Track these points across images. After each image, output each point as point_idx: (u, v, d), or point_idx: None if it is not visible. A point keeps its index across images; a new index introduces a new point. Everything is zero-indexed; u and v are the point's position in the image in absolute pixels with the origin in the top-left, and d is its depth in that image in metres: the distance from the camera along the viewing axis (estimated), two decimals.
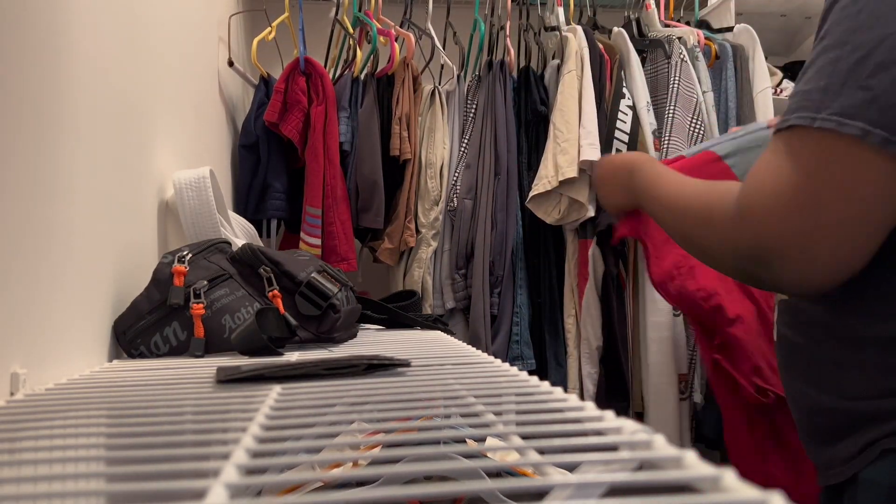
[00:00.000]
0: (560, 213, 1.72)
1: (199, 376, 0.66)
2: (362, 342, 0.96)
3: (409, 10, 1.99)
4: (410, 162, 1.82)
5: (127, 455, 0.37)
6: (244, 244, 0.95)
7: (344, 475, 0.31)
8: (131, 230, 0.95)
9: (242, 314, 0.88)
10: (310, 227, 1.69)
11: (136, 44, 1.00)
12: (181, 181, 1.03)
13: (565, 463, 0.34)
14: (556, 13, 1.97)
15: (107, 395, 0.57)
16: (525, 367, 1.75)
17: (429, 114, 1.88)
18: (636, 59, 1.83)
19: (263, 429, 0.41)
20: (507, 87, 1.86)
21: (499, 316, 1.78)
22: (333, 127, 1.73)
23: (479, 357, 0.73)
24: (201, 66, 1.48)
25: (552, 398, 0.47)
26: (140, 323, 0.85)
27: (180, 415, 0.47)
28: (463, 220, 1.81)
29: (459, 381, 0.56)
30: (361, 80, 1.83)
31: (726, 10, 2.06)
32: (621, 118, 1.74)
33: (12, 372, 0.60)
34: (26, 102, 0.64)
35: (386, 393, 0.51)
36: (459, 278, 1.81)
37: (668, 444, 0.34)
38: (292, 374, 0.60)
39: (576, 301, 1.78)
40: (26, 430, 0.45)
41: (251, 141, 1.76)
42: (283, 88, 1.72)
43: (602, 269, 1.76)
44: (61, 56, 0.72)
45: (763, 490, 0.26)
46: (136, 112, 0.98)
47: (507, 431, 0.39)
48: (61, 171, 0.71)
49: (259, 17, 1.96)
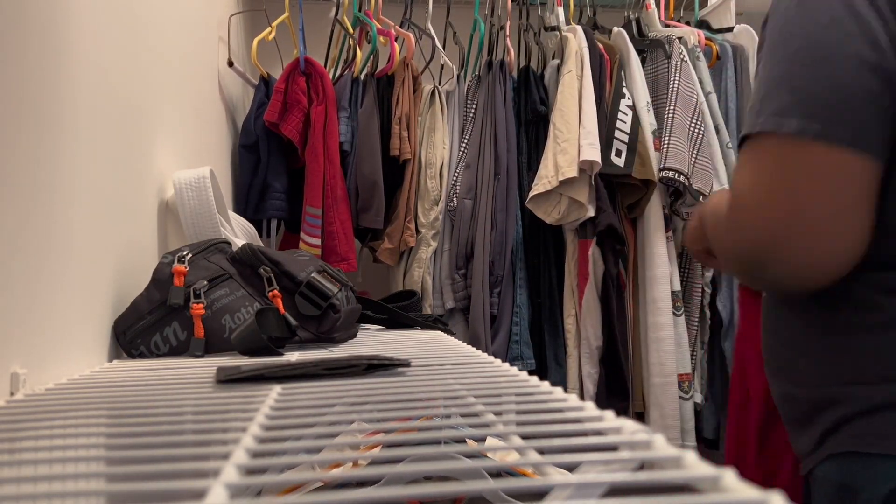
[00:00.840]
0: (560, 212, 1.72)
1: (199, 376, 0.66)
2: (362, 342, 0.96)
3: (409, 10, 1.99)
4: (410, 162, 1.82)
5: (127, 455, 0.37)
6: (244, 244, 0.95)
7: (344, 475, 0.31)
8: (131, 230, 0.95)
9: (242, 314, 0.88)
10: (310, 227, 1.69)
11: (137, 44, 1.00)
12: (181, 181, 1.03)
13: (565, 463, 0.34)
14: (556, 13, 1.97)
15: (107, 395, 0.57)
16: (525, 367, 1.75)
17: (428, 114, 1.88)
18: (636, 59, 1.83)
19: (263, 429, 0.41)
20: (507, 87, 1.86)
21: (498, 316, 1.78)
22: (333, 127, 1.73)
23: (479, 357, 0.73)
24: (201, 67, 1.48)
25: (552, 398, 0.47)
26: (140, 323, 0.85)
27: (180, 415, 0.47)
28: (463, 220, 1.81)
29: (459, 381, 0.56)
30: (361, 80, 1.83)
31: (726, 11, 2.06)
32: (621, 118, 1.74)
33: (12, 372, 0.60)
34: (26, 103, 0.64)
35: (386, 393, 0.51)
36: (459, 278, 1.81)
37: (668, 444, 0.34)
38: (292, 374, 0.60)
39: (575, 301, 1.78)
40: (26, 430, 0.45)
41: (251, 141, 1.76)
42: (283, 88, 1.72)
43: (602, 268, 1.76)
44: (61, 56, 0.72)
45: (763, 490, 0.26)
46: (136, 112, 0.98)
47: (507, 431, 0.39)
48: (61, 171, 0.71)
49: (259, 17, 1.96)
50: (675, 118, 1.73)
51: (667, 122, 1.74)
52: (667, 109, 1.75)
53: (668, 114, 1.74)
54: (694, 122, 1.75)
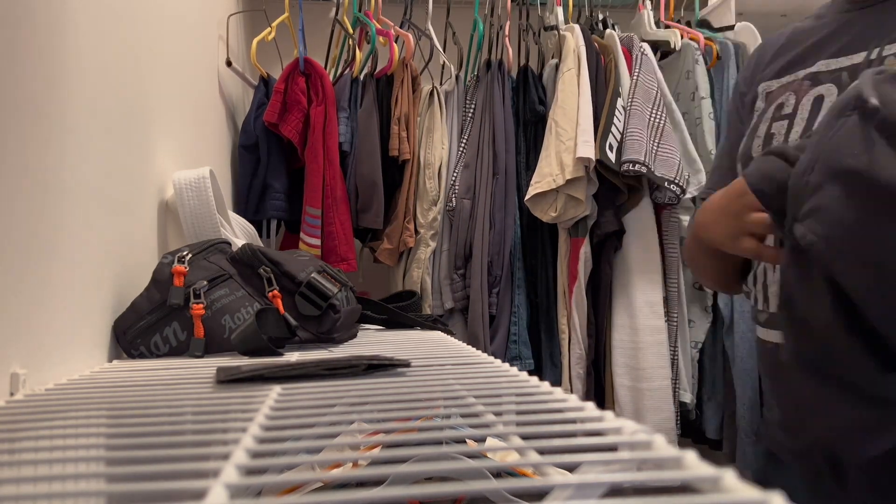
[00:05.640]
0: (557, 210, 1.72)
1: (199, 376, 0.66)
2: (362, 342, 0.96)
3: (409, 10, 1.99)
4: (409, 162, 1.82)
5: (127, 455, 0.37)
6: (244, 244, 0.95)
7: (344, 475, 0.31)
8: (131, 230, 0.95)
9: (242, 314, 0.88)
10: (309, 227, 1.69)
11: (136, 44, 1.00)
12: (181, 181, 1.03)
13: (565, 463, 0.34)
14: (556, 13, 1.97)
15: (107, 395, 0.57)
16: (524, 366, 1.75)
17: (427, 114, 1.88)
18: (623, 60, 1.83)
19: (263, 429, 0.41)
20: (506, 87, 1.86)
21: (497, 316, 1.78)
22: (333, 127, 1.73)
23: (478, 357, 0.73)
24: (201, 67, 1.48)
25: (552, 398, 0.47)
26: (140, 323, 0.85)
27: (180, 415, 0.47)
28: (461, 220, 1.81)
29: (459, 382, 0.56)
30: (361, 81, 1.82)
31: (727, 10, 2.06)
32: (617, 116, 1.74)
33: (12, 372, 0.60)
34: (26, 103, 0.64)
35: (386, 393, 0.51)
36: (458, 278, 1.81)
37: (668, 445, 0.34)
38: (292, 374, 0.60)
39: (567, 301, 1.78)
40: (26, 430, 0.45)
41: (251, 141, 1.76)
42: (283, 89, 1.72)
43: (591, 268, 1.76)
44: (61, 56, 0.72)
45: (763, 490, 0.26)
46: (136, 112, 0.98)
47: (507, 432, 0.39)
48: (61, 171, 0.71)
49: (259, 17, 1.96)
50: (633, 108, 1.72)
51: (626, 114, 1.73)
52: (627, 101, 1.75)
53: (627, 105, 1.74)
54: (655, 111, 1.74)
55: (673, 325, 1.78)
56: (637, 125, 1.70)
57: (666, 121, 1.74)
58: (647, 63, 1.79)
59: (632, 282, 1.76)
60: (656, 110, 1.74)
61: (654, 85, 1.77)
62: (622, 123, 1.73)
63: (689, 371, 1.78)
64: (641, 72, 1.77)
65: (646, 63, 1.78)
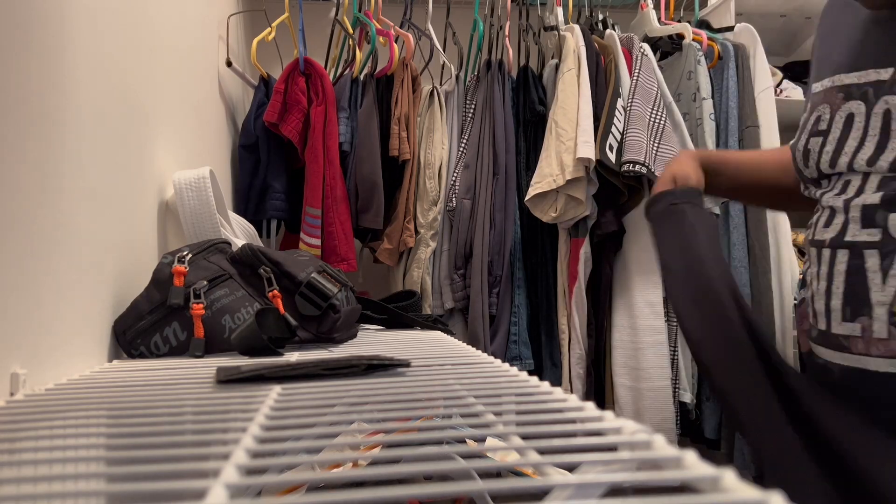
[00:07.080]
0: (557, 210, 1.72)
1: (199, 376, 0.66)
2: (362, 342, 0.96)
3: (409, 10, 1.99)
4: (409, 162, 1.82)
5: (127, 455, 0.37)
6: (244, 244, 0.95)
7: (344, 475, 0.31)
8: (131, 230, 0.95)
9: (242, 314, 0.88)
10: (310, 227, 1.69)
11: (137, 44, 1.00)
12: (181, 181, 1.03)
13: (565, 463, 0.34)
14: (556, 13, 1.97)
15: (107, 395, 0.57)
16: (524, 366, 1.75)
17: (428, 114, 1.88)
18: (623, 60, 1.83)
19: (263, 429, 0.41)
20: (506, 87, 1.86)
21: (497, 316, 1.78)
22: (333, 127, 1.73)
23: (478, 357, 0.73)
24: (201, 67, 1.48)
25: (552, 398, 0.47)
26: (140, 323, 0.85)
27: (180, 415, 0.47)
28: (461, 221, 1.81)
29: (459, 382, 0.56)
30: (361, 81, 1.82)
31: (726, 10, 2.06)
32: (617, 116, 1.74)
33: (12, 372, 0.60)
34: (27, 103, 0.64)
35: (386, 393, 0.51)
36: (458, 278, 1.81)
37: (667, 445, 0.34)
38: (292, 374, 0.60)
39: (566, 301, 1.78)
40: (26, 430, 0.45)
41: (251, 141, 1.76)
42: (283, 89, 1.72)
43: (590, 268, 1.76)
44: (62, 56, 0.72)
45: (763, 490, 0.26)
46: (136, 112, 0.98)
47: (507, 432, 0.39)
48: (61, 171, 0.71)
49: (259, 17, 1.97)
50: (633, 109, 1.72)
51: (626, 115, 1.73)
52: (627, 102, 1.75)
53: (627, 105, 1.74)
54: (655, 112, 1.74)
55: (673, 325, 1.77)
56: (637, 125, 1.70)
57: (666, 121, 1.74)
58: (647, 63, 1.79)
59: (632, 282, 1.76)
60: (656, 111, 1.74)
61: (654, 85, 1.77)
62: (622, 124, 1.73)
63: (688, 371, 1.78)
64: (641, 72, 1.77)
65: (646, 63, 1.79)
